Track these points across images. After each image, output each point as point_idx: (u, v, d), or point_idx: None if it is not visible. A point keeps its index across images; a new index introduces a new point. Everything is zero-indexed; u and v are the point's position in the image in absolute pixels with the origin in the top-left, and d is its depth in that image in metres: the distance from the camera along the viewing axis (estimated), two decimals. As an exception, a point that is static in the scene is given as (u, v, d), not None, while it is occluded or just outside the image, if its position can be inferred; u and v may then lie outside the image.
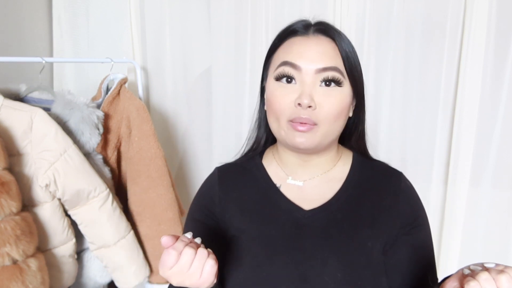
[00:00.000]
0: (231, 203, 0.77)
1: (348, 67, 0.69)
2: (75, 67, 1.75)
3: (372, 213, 0.71)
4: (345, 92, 0.69)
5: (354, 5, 1.49)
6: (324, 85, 0.68)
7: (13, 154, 1.12)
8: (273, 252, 0.70)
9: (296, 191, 0.75)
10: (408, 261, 0.71)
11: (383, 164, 0.80)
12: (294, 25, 0.72)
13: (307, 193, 0.74)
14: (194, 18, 1.65)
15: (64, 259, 1.24)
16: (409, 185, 0.77)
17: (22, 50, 1.54)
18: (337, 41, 0.69)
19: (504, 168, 1.46)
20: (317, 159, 0.75)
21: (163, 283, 1.43)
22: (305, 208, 0.72)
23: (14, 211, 1.05)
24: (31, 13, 1.62)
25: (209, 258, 0.58)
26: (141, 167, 1.38)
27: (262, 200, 0.75)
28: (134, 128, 1.40)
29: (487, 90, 1.43)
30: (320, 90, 0.67)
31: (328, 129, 0.68)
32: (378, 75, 1.53)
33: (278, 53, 0.72)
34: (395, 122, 1.54)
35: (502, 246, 1.50)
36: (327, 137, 0.69)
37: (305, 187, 0.75)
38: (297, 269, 0.68)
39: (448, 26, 1.43)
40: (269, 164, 0.80)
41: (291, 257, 0.69)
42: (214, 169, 0.84)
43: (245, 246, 0.72)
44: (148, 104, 1.73)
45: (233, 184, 0.80)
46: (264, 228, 0.73)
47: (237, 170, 0.82)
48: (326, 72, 0.67)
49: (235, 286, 0.70)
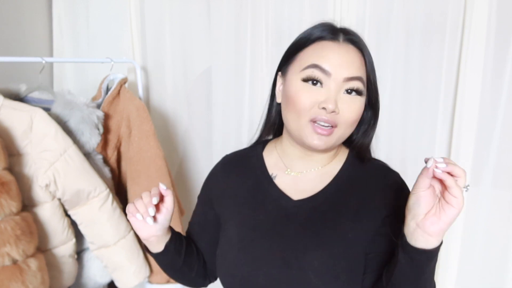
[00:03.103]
0: (228, 189, 0.85)
1: (371, 78, 0.74)
2: (75, 67, 1.75)
3: (356, 207, 0.74)
4: (363, 101, 0.74)
5: (354, 5, 1.49)
6: (347, 93, 0.72)
7: (13, 154, 1.12)
8: (259, 237, 0.76)
9: (289, 182, 0.80)
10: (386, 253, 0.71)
11: (378, 164, 0.81)
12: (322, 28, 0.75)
13: (299, 184, 0.79)
14: (194, 18, 1.65)
15: (64, 259, 1.24)
16: (398, 182, 0.77)
17: (22, 50, 1.54)
18: (364, 53, 0.74)
19: (504, 168, 1.46)
20: (319, 155, 0.79)
21: (163, 283, 1.43)
22: (294, 198, 0.77)
23: (14, 211, 1.05)
24: (31, 13, 1.62)
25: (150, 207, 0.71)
26: (141, 167, 1.38)
27: (255, 188, 0.81)
28: (134, 128, 1.40)
29: (487, 90, 1.42)
30: (344, 98, 0.71)
31: (344, 133, 0.73)
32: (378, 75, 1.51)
33: (306, 53, 0.74)
34: (395, 122, 1.54)
35: (502, 246, 1.50)
36: (340, 139, 0.74)
37: (299, 179, 0.79)
38: (279, 254, 0.73)
39: (448, 26, 1.43)
40: (269, 155, 0.85)
41: (275, 242, 0.74)
42: (223, 156, 0.92)
43: (235, 230, 0.80)
44: (148, 104, 1.73)
45: (233, 172, 0.87)
46: (253, 214, 0.79)
47: (239, 159, 0.89)
48: (352, 81, 0.71)
49: (224, 266, 0.79)
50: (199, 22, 1.65)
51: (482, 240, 1.51)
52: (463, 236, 1.51)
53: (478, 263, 1.53)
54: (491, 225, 1.50)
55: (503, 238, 1.50)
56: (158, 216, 0.75)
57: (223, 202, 0.85)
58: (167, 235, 0.80)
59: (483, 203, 1.49)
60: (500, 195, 1.47)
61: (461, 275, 1.54)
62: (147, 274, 1.38)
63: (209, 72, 1.67)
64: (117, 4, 1.69)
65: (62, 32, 1.72)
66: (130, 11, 1.67)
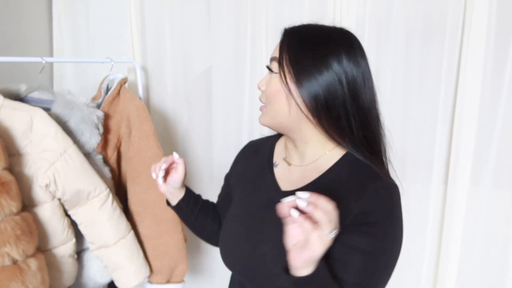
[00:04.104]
0: (241, 171, 0.97)
1: (283, 56, 0.77)
2: (75, 67, 1.75)
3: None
4: (277, 78, 0.78)
5: (354, 5, 1.49)
6: (269, 73, 0.81)
7: (13, 154, 1.12)
8: (245, 218, 0.86)
9: (285, 172, 0.86)
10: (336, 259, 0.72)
11: (370, 169, 0.77)
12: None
13: (292, 176, 0.84)
14: (194, 18, 1.65)
15: (64, 259, 1.24)
16: (379, 193, 0.74)
17: (22, 50, 1.54)
18: (287, 36, 0.79)
19: (504, 167, 1.46)
20: (302, 147, 0.82)
21: (163, 283, 1.43)
22: (282, 189, 0.83)
23: (14, 211, 1.05)
24: (31, 13, 1.62)
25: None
26: (141, 167, 1.38)
27: (259, 173, 0.90)
28: (134, 128, 1.40)
29: (487, 89, 1.43)
30: (267, 77, 0.81)
31: (272, 109, 0.79)
32: (378, 75, 1.53)
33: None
34: (395, 122, 1.54)
35: (502, 246, 1.50)
36: (275, 116, 0.79)
37: (293, 170, 0.85)
38: (254, 237, 0.82)
39: (448, 26, 1.43)
40: (279, 145, 0.93)
41: (254, 225, 0.83)
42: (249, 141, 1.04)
43: (233, 207, 0.93)
44: (148, 104, 1.73)
45: (249, 156, 0.98)
46: (248, 197, 0.89)
47: (258, 145, 0.99)
48: (271, 62, 0.80)
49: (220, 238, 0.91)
50: (199, 22, 1.65)
51: (482, 240, 1.51)
52: (463, 236, 1.51)
53: (478, 263, 1.53)
54: (491, 225, 1.50)
55: (503, 238, 1.50)
56: (168, 178, 0.92)
57: (235, 182, 0.98)
58: (180, 194, 0.97)
59: (483, 203, 1.49)
60: (500, 195, 1.47)
61: (461, 275, 1.54)
62: (147, 274, 1.38)
63: (209, 72, 1.67)
64: (117, 4, 1.69)
65: (62, 32, 1.72)
66: (130, 11, 1.67)
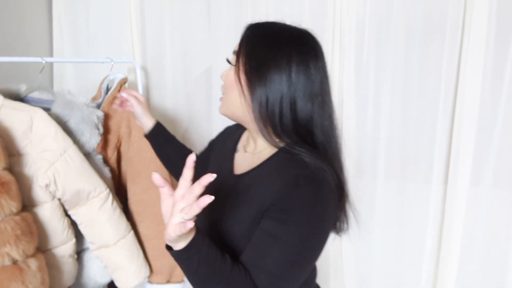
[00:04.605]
0: (217, 150, 1.04)
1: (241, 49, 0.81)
2: (75, 67, 1.75)
3: (258, 191, 0.79)
4: (232, 69, 0.83)
5: (354, 5, 1.49)
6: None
7: (13, 154, 1.12)
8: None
9: (242, 158, 0.92)
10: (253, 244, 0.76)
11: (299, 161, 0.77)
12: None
13: (244, 162, 0.90)
14: (194, 18, 1.65)
15: (64, 259, 1.24)
16: (300, 182, 0.74)
17: (22, 50, 1.54)
18: (247, 31, 0.83)
19: (504, 167, 1.46)
20: (255, 137, 0.87)
21: (163, 283, 1.43)
22: (235, 172, 0.90)
23: (14, 211, 1.05)
24: (31, 13, 1.62)
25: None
26: (141, 167, 1.38)
27: (224, 157, 0.96)
28: (134, 128, 1.40)
29: (487, 90, 1.43)
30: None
31: (230, 98, 0.84)
32: (378, 75, 1.53)
33: None
34: (395, 122, 1.54)
35: (502, 246, 1.50)
36: (230, 106, 0.84)
37: (246, 157, 0.91)
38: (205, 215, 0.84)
39: (448, 26, 1.43)
40: (246, 133, 0.96)
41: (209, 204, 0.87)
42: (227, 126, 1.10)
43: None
44: (148, 104, 1.73)
45: (224, 139, 1.04)
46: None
47: (233, 130, 1.03)
48: (233, 54, 0.84)
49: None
50: (199, 22, 1.65)
51: (482, 240, 1.51)
52: (463, 236, 1.51)
53: (478, 263, 1.53)
54: (491, 225, 1.50)
55: (503, 238, 1.50)
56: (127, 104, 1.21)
57: (212, 156, 1.05)
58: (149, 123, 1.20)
59: (483, 203, 1.49)
60: (500, 195, 1.48)
61: (461, 275, 1.54)
62: (147, 274, 1.38)
63: (209, 72, 1.67)
64: (117, 4, 1.69)
65: (62, 32, 1.72)
66: (130, 11, 1.67)
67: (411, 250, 1.61)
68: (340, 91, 1.56)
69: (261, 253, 0.73)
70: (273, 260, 0.72)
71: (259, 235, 0.75)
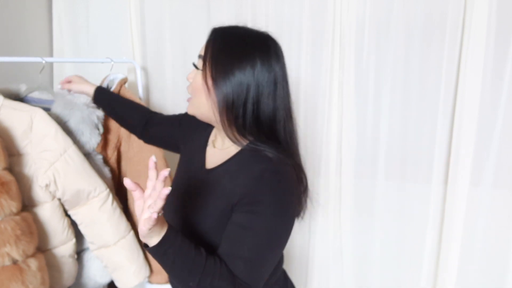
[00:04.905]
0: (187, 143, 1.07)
1: (207, 54, 0.84)
2: (75, 67, 1.75)
3: (226, 185, 0.84)
4: (200, 73, 0.86)
5: (354, 5, 1.49)
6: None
7: (13, 154, 1.12)
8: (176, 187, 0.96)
9: (212, 153, 0.95)
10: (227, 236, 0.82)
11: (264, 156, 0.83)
12: None
13: (214, 157, 0.93)
14: (194, 18, 1.65)
15: (64, 259, 1.24)
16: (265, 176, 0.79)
17: (22, 50, 1.54)
18: (214, 36, 0.87)
19: (504, 167, 1.46)
20: (223, 134, 0.89)
21: (163, 283, 1.43)
22: (206, 166, 0.93)
23: (14, 211, 1.05)
24: (31, 13, 1.62)
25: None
26: (141, 167, 1.38)
27: (196, 149, 1.00)
28: (134, 128, 1.40)
29: (487, 90, 1.43)
30: (195, 71, 0.89)
31: (197, 101, 0.88)
32: (378, 75, 1.53)
33: None
34: (395, 122, 1.54)
35: (502, 245, 1.51)
36: (198, 108, 0.88)
37: (215, 152, 0.94)
38: (177, 199, 0.93)
39: (448, 26, 1.43)
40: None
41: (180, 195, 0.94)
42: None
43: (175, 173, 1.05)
44: (148, 104, 1.73)
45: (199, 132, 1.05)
46: (183, 168, 1.02)
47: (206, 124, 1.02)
48: (198, 58, 0.87)
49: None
50: (199, 22, 1.65)
51: (482, 240, 1.52)
52: (463, 236, 1.51)
53: (478, 263, 1.53)
54: (491, 225, 1.50)
55: (503, 238, 1.50)
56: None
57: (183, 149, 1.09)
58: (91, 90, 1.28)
59: (483, 203, 1.49)
60: (500, 195, 1.48)
61: (461, 275, 1.54)
62: (147, 274, 1.38)
63: (209, 72, 1.67)
64: (117, 4, 1.69)
65: (62, 32, 1.72)
66: (130, 11, 1.67)
67: (411, 250, 1.62)
68: (340, 91, 1.57)
69: (236, 244, 0.80)
70: (248, 249, 0.79)
71: (231, 228, 0.81)
